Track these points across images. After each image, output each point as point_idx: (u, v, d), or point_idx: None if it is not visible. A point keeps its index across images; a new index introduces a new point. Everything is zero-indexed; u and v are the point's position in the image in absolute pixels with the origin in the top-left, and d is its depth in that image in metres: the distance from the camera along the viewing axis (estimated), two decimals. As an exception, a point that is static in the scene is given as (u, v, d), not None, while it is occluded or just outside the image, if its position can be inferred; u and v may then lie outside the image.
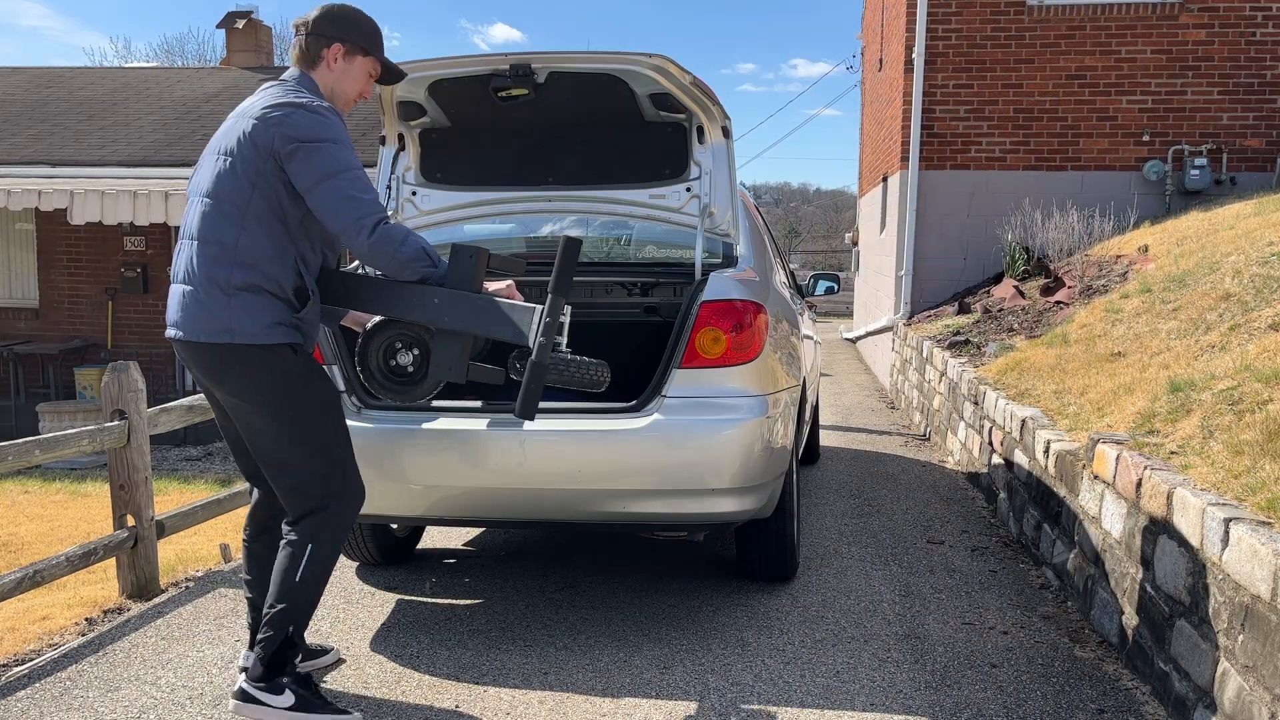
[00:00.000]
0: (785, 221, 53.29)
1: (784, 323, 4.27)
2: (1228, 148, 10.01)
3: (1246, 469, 3.11)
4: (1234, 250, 6.16)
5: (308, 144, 2.88)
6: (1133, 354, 5.18)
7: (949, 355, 7.55)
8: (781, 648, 3.61)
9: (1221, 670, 2.70)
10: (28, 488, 9.02)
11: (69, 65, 23.78)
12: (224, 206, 2.90)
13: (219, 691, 3.28)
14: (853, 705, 3.15)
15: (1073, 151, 10.24)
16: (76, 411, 10.72)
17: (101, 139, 13.62)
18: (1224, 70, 9.97)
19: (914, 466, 6.91)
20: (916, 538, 5.07)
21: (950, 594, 4.20)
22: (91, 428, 4.26)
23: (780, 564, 4.22)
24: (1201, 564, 2.89)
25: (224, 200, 2.91)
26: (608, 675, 3.38)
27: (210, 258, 2.89)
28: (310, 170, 2.88)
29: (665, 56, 3.68)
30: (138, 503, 4.43)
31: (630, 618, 3.91)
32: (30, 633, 4.00)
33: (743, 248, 4.21)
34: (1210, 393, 3.89)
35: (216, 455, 10.86)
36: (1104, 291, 7.27)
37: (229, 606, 4.15)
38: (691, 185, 4.13)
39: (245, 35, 17.15)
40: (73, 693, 3.32)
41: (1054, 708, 3.15)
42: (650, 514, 3.65)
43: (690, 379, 3.59)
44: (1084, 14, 10.06)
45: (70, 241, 12.93)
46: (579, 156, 4.27)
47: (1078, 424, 4.55)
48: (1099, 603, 3.74)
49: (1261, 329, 4.48)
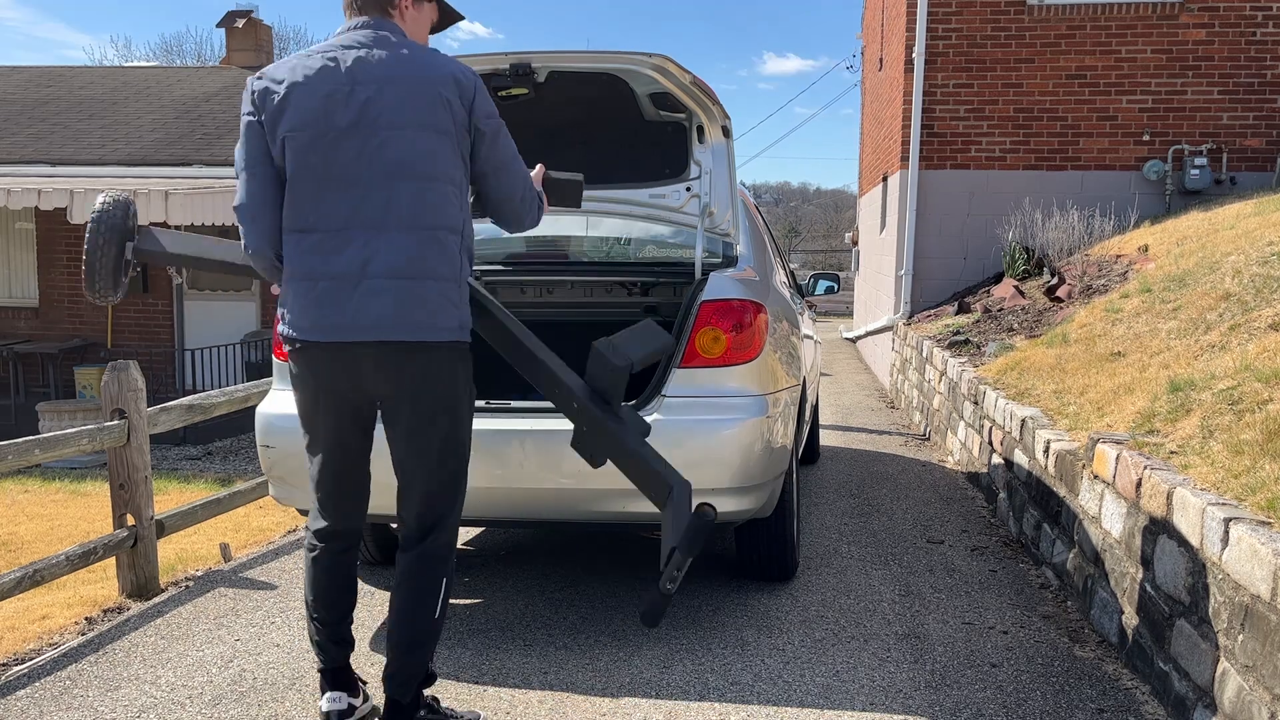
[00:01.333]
0: (785, 221, 53.28)
1: (784, 322, 4.27)
2: (1228, 147, 10.01)
3: (1246, 469, 3.11)
4: (1234, 250, 6.16)
5: (498, 119, 2.71)
6: (1133, 354, 5.18)
7: (949, 355, 7.55)
8: (781, 647, 3.61)
9: (1221, 670, 2.70)
10: (27, 487, 9.01)
11: (69, 64, 23.77)
12: (444, 188, 2.62)
13: (219, 691, 3.28)
14: (852, 705, 3.15)
15: (1073, 151, 10.24)
16: (76, 411, 10.72)
17: (101, 138, 13.62)
18: (1224, 70, 9.97)
19: (914, 466, 6.91)
20: (916, 537, 5.07)
21: (950, 594, 4.20)
22: (91, 427, 4.26)
23: (780, 563, 4.22)
24: (1201, 564, 2.89)
25: (444, 180, 2.61)
26: (607, 675, 3.38)
27: (446, 247, 2.61)
28: (506, 148, 2.72)
29: (665, 56, 3.68)
30: (137, 502, 4.43)
31: (630, 618, 3.91)
32: (30, 632, 4.00)
33: (743, 247, 4.21)
34: (1210, 392, 3.89)
35: (216, 455, 10.86)
36: (1104, 291, 7.27)
37: (229, 606, 4.15)
38: (691, 184, 4.13)
39: (245, 34, 17.16)
40: (72, 692, 3.32)
41: (1054, 707, 3.15)
42: (650, 514, 3.64)
43: (690, 378, 3.59)
44: (1084, 14, 10.06)
45: (70, 241, 12.93)
46: (579, 156, 4.26)
47: (1077, 424, 4.54)
48: (1099, 602, 3.74)
49: (1261, 329, 4.47)
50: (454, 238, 2.65)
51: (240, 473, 9.36)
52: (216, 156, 12.90)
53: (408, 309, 2.57)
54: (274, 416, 3.74)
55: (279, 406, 3.76)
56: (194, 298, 12.27)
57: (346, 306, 2.57)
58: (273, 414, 3.75)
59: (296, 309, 2.62)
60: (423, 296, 2.58)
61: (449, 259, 2.63)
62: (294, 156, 2.59)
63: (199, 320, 12.24)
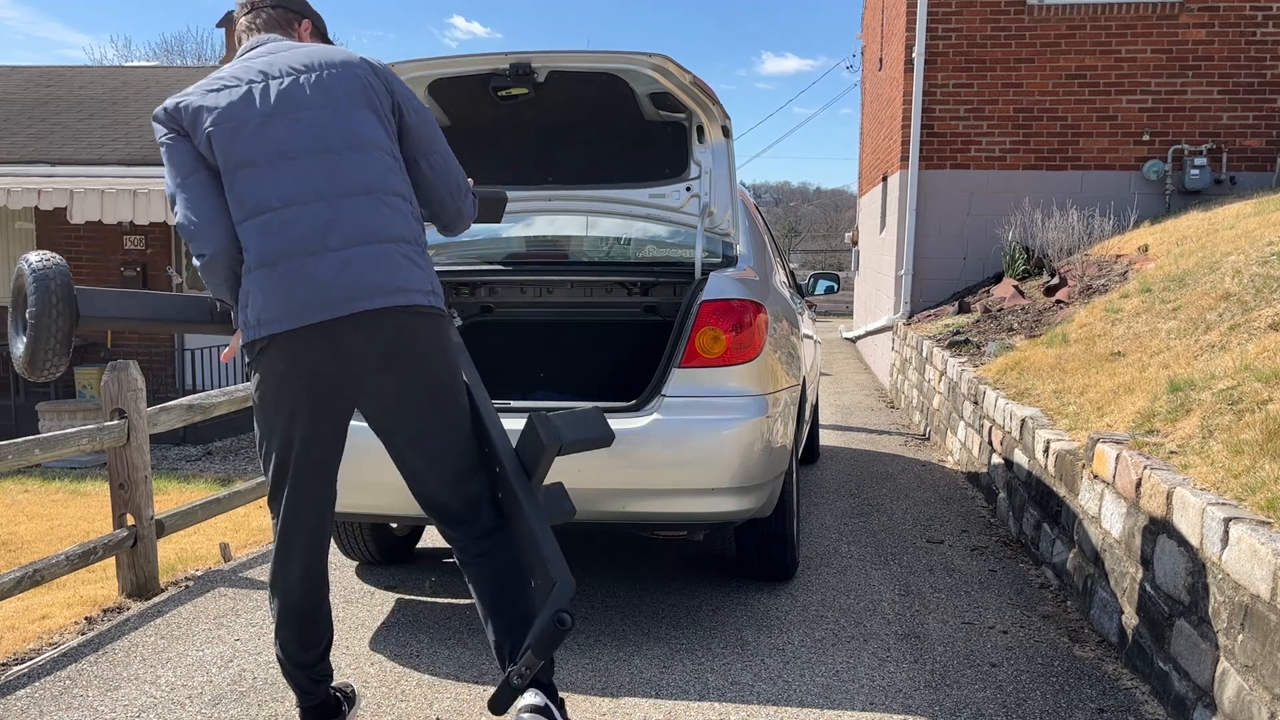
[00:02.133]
0: (785, 221, 53.27)
1: (784, 322, 4.27)
2: (1228, 147, 10.01)
3: (1246, 468, 3.11)
4: (1234, 250, 6.16)
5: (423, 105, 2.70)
6: (1132, 353, 5.18)
7: (949, 355, 7.55)
8: (781, 647, 3.61)
9: (1221, 670, 2.70)
10: (27, 487, 9.01)
11: (69, 64, 23.77)
12: (384, 157, 2.56)
13: (219, 691, 3.28)
14: (852, 705, 3.15)
15: (1073, 151, 10.24)
16: (76, 410, 10.72)
17: (101, 138, 13.62)
18: (1224, 70, 9.97)
19: (914, 466, 6.91)
20: (916, 537, 5.07)
21: (950, 593, 4.20)
22: (91, 427, 4.26)
23: (780, 563, 4.22)
24: (1201, 563, 2.89)
25: (382, 150, 2.56)
26: (607, 675, 3.38)
27: (399, 211, 2.54)
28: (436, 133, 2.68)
29: (665, 56, 3.68)
30: (137, 502, 4.43)
31: (630, 617, 3.91)
32: (30, 632, 4.00)
33: (743, 247, 4.21)
34: (1210, 392, 3.89)
35: (216, 455, 10.86)
36: (1104, 291, 7.27)
37: (229, 606, 4.15)
38: (691, 184, 4.13)
39: (245, 34, 17.15)
40: (72, 692, 3.32)
41: (1053, 707, 3.15)
42: (650, 513, 3.65)
43: (690, 378, 3.59)
44: (1084, 13, 10.06)
45: (70, 240, 12.93)
46: (579, 156, 4.27)
47: (1077, 423, 4.54)
48: (1098, 602, 3.74)
49: (1261, 329, 4.47)
50: (404, 203, 2.58)
51: (240, 472, 9.36)
52: (216, 156, 12.88)
53: (377, 274, 2.46)
54: None
55: (279, 406, 3.76)
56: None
57: (314, 282, 2.43)
58: None
59: (260, 301, 2.44)
60: (388, 260, 2.49)
61: (405, 221, 2.55)
62: (223, 148, 2.48)
63: (199, 320, 12.20)
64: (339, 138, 2.52)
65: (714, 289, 3.67)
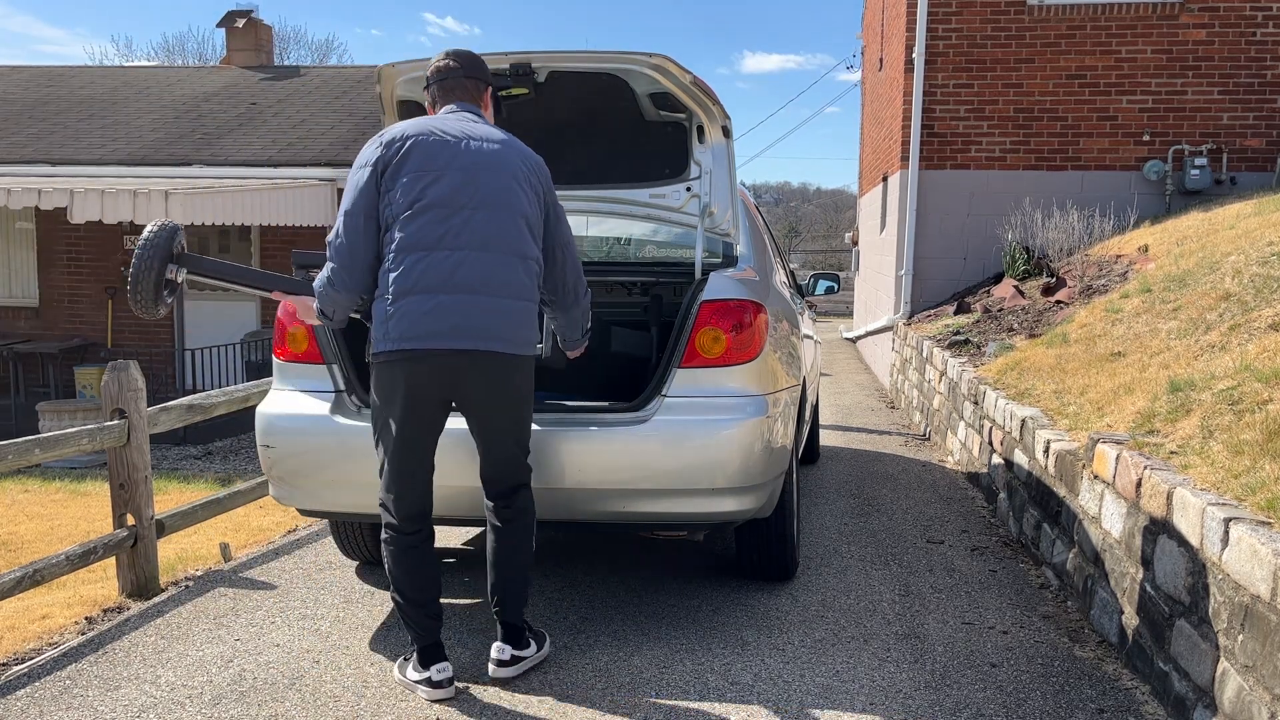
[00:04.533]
0: (785, 221, 53.29)
1: (784, 322, 4.27)
2: (1228, 147, 10.01)
3: (1246, 469, 3.11)
4: (1234, 250, 6.16)
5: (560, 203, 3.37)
6: (1133, 354, 5.18)
7: (949, 355, 7.56)
8: (781, 647, 3.61)
9: (1221, 670, 2.70)
10: (27, 486, 9.01)
11: (69, 64, 23.77)
12: (528, 229, 3.17)
13: (219, 691, 3.28)
14: (852, 705, 3.15)
15: (1073, 151, 10.24)
16: (76, 410, 10.71)
17: (101, 138, 13.63)
18: (1224, 70, 9.97)
19: (914, 466, 6.91)
20: (916, 537, 5.07)
21: (950, 594, 4.20)
22: (91, 427, 4.26)
23: (780, 563, 4.22)
24: (1201, 564, 2.89)
25: (532, 222, 3.18)
26: (607, 675, 3.38)
27: (529, 273, 3.16)
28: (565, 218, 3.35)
29: (665, 56, 3.68)
30: (137, 502, 4.43)
31: (630, 617, 3.91)
32: (30, 631, 4.00)
33: (743, 247, 4.21)
34: (1210, 392, 3.89)
35: (216, 455, 10.86)
36: (1104, 291, 7.27)
37: (229, 605, 4.15)
38: (691, 184, 4.13)
39: (245, 34, 17.17)
40: (72, 692, 3.32)
41: (1053, 707, 3.15)
42: (650, 513, 3.65)
43: (690, 378, 3.59)
44: (1084, 14, 10.06)
45: (70, 240, 12.94)
46: (579, 156, 4.27)
47: (1078, 424, 4.55)
48: (1099, 602, 3.74)
49: (1261, 329, 4.48)
50: (537, 267, 3.21)
51: (240, 473, 9.36)
52: (216, 156, 12.90)
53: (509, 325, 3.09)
54: (274, 416, 3.74)
55: (279, 406, 3.76)
56: (194, 298, 12.25)
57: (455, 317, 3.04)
58: (273, 414, 3.75)
59: (407, 321, 3.03)
60: (516, 314, 3.11)
61: (532, 285, 3.18)
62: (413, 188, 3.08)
63: (199, 320, 12.22)
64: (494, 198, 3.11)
65: (714, 289, 3.68)
